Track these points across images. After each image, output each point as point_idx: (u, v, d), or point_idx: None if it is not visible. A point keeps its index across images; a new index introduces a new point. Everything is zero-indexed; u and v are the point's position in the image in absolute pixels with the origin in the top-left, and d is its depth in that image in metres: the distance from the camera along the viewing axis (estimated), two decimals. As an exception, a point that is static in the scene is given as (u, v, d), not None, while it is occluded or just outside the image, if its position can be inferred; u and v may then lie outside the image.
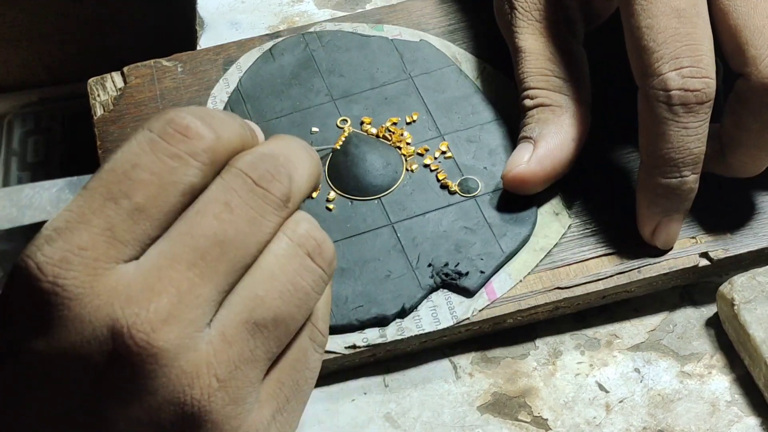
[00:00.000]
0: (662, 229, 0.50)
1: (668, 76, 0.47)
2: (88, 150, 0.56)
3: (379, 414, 0.49)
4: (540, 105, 0.52)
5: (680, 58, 0.47)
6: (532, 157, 0.51)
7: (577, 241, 0.52)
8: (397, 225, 0.52)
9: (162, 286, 0.33)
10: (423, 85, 0.57)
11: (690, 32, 0.47)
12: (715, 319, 0.51)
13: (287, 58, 0.59)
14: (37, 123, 1.30)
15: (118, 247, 0.33)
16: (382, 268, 0.51)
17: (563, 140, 0.51)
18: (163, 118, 0.35)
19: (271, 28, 0.64)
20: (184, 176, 0.35)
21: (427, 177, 0.54)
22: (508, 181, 0.52)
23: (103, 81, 0.59)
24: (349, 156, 0.54)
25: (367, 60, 0.59)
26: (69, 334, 0.33)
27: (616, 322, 0.52)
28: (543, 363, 0.51)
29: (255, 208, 0.35)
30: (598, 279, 0.51)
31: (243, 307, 0.35)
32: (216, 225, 0.35)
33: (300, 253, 0.37)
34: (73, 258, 0.33)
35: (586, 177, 0.54)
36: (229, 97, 0.57)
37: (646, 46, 0.47)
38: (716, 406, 0.49)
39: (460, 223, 0.52)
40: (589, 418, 0.49)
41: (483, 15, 0.61)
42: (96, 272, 0.33)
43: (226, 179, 0.36)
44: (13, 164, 1.27)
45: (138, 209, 0.34)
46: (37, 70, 1.31)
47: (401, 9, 0.61)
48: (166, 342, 0.33)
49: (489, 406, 0.49)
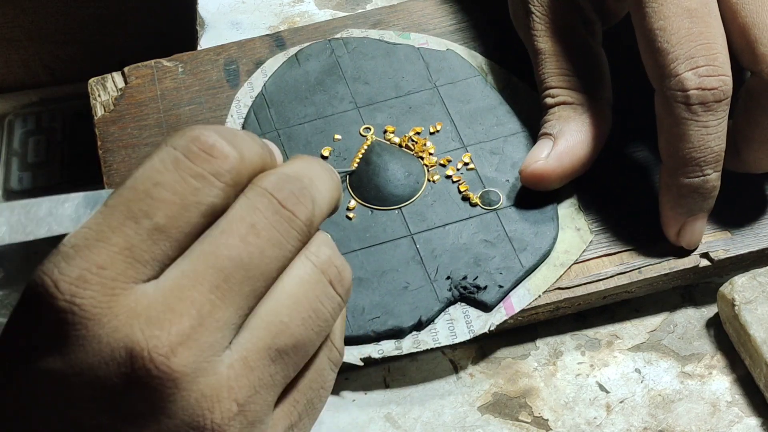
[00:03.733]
0: (687, 229, 0.50)
1: (685, 76, 0.47)
2: (88, 150, 0.56)
3: (379, 414, 0.49)
4: (562, 103, 0.52)
5: (695, 57, 0.47)
6: (552, 154, 0.51)
7: (578, 241, 0.52)
8: (416, 236, 0.52)
9: (183, 307, 0.33)
10: (448, 95, 0.57)
11: (703, 31, 0.47)
12: (716, 319, 0.51)
13: (312, 64, 0.59)
14: (38, 123, 1.30)
15: (136, 267, 0.33)
16: (400, 279, 0.50)
17: (583, 138, 0.51)
18: (187, 135, 0.34)
19: (271, 29, 0.64)
20: (206, 197, 0.34)
21: (449, 188, 0.53)
22: (525, 177, 0.52)
23: (103, 81, 0.59)
24: (370, 165, 0.54)
25: (392, 68, 0.58)
26: (85, 355, 0.32)
27: (617, 323, 0.52)
28: (544, 363, 0.51)
29: (280, 231, 0.35)
30: (598, 279, 0.51)
31: (266, 332, 0.35)
32: (241, 247, 0.34)
33: (323, 279, 0.36)
34: (91, 277, 0.32)
35: (587, 178, 0.54)
36: (254, 102, 0.57)
37: (660, 48, 0.47)
38: (717, 406, 0.49)
39: (480, 236, 0.51)
40: (590, 419, 0.49)
41: (483, 15, 0.61)
42: (114, 292, 0.32)
43: (252, 199, 0.35)
44: (14, 164, 1.27)
45: (158, 229, 0.33)
46: (37, 71, 1.31)
47: (402, 9, 0.61)
48: (186, 366, 0.32)
49: (489, 406, 0.49)
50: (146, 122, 0.57)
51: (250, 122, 0.56)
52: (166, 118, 0.57)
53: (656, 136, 0.49)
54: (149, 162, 0.34)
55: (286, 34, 0.61)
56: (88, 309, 0.32)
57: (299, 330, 0.35)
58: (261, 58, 0.59)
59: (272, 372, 0.35)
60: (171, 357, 0.32)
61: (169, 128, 0.57)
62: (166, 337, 0.32)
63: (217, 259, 0.34)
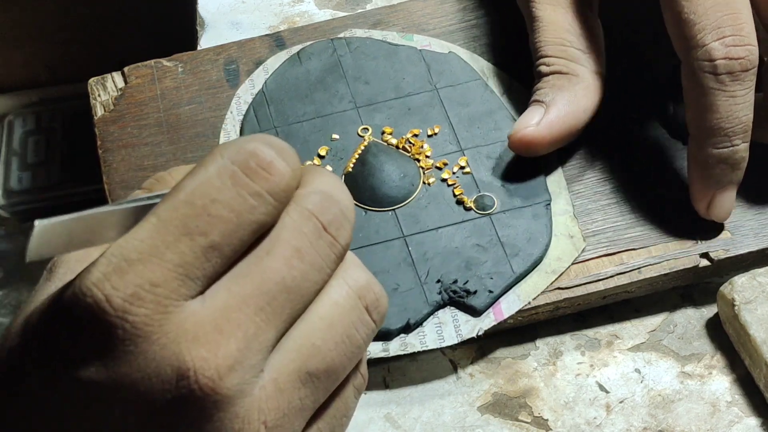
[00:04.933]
0: (717, 201, 0.50)
1: (712, 46, 0.47)
2: (88, 150, 0.56)
3: (379, 414, 0.49)
4: (556, 72, 0.52)
5: (722, 27, 0.47)
6: (543, 121, 0.52)
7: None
8: (409, 238, 0.52)
9: (230, 329, 0.32)
10: (447, 98, 0.57)
11: (729, 2, 0.47)
12: (716, 319, 0.51)
13: (314, 63, 0.59)
14: (38, 123, 1.30)
15: (188, 285, 0.32)
16: (390, 281, 0.50)
17: (575, 109, 0.52)
18: (244, 149, 0.34)
19: (271, 29, 0.64)
20: (261, 215, 0.33)
21: (444, 191, 0.53)
22: (514, 142, 0.52)
23: (103, 81, 0.59)
24: (366, 165, 0.54)
25: (393, 69, 0.58)
26: (131, 369, 0.32)
27: (617, 323, 0.52)
28: (543, 363, 0.51)
29: (322, 255, 0.35)
30: (598, 279, 0.51)
31: (298, 354, 0.34)
32: (285, 270, 0.34)
33: (359, 305, 0.36)
34: (145, 294, 0.32)
35: (587, 177, 0.54)
36: (254, 99, 0.57)
37: (686, 19, 0.48)
38: (716, 406, 0.49)
39: (472, 240, 0.51)
40: (590, 419, 0.49)
41: (484, 16, 0.61)
42: (166, 310, 0.32)
43: (297, 221, 0.34)
44: (14, 164, 1.28)
45: (213, 247, 0.33)
46: (37, 70, 1.31)
47: (402, 9, 0.61)
48: (230, 389, 0.32)
49: (489, 406, 0.49)
50: (146, 122, 0.57)
51: (249, 119, 0.56)
52: (166, 118, 0.57)
53: (655, 133, 0.49)
54: (205, 174, 0.33)
55: (286, 34, 0.61)
56: (140, 326, 0.31)
57: (331, 354, 0.35)
58: (261, 57, 0.59)
59: (302, 395, 0.34)
60: (217, 380, 0.32)
61: (169, 128, 0.57)
62: (213, 359, 0.32)
63: (263, 282, 0.33)
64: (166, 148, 0.56)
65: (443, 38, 0.60)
